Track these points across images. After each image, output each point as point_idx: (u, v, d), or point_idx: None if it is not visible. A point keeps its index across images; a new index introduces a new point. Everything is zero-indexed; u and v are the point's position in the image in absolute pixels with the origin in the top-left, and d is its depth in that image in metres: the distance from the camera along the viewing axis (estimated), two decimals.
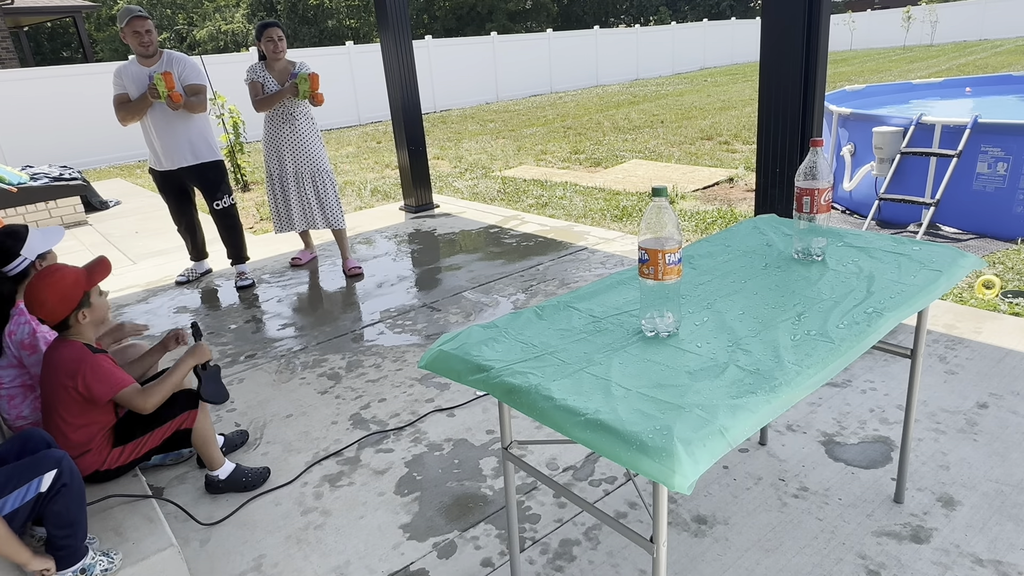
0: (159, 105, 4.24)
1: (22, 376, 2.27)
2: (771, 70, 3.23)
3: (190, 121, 4.37)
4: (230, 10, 33.71)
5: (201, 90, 4.33)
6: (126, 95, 4.25)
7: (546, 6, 35.61)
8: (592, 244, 5.04)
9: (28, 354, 2.24)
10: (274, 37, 4.42)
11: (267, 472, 2.54)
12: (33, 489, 1.74)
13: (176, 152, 4.39)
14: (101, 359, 2.14)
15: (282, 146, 4.58)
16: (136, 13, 4.10)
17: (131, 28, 4.11)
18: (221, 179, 4.62)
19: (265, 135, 4.64)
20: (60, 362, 2.10)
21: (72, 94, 12.17)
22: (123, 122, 4.30)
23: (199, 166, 4.49)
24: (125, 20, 4.11)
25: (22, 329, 2.24)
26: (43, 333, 2.28)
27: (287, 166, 4.63)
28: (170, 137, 4.34)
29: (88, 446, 2.17)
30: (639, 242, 1.44)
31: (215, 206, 4.62)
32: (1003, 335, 3.13)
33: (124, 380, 2.15)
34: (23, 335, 2.23)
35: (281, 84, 4.48)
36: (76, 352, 2.10)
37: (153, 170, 4.57)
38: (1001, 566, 1.88)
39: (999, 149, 4.81)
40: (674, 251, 1.42)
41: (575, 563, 2.02)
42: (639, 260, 1.46)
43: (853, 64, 21.15)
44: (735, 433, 1.17)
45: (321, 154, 4.67)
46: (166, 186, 4.62)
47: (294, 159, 4.61)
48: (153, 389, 2.19)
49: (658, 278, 1.44)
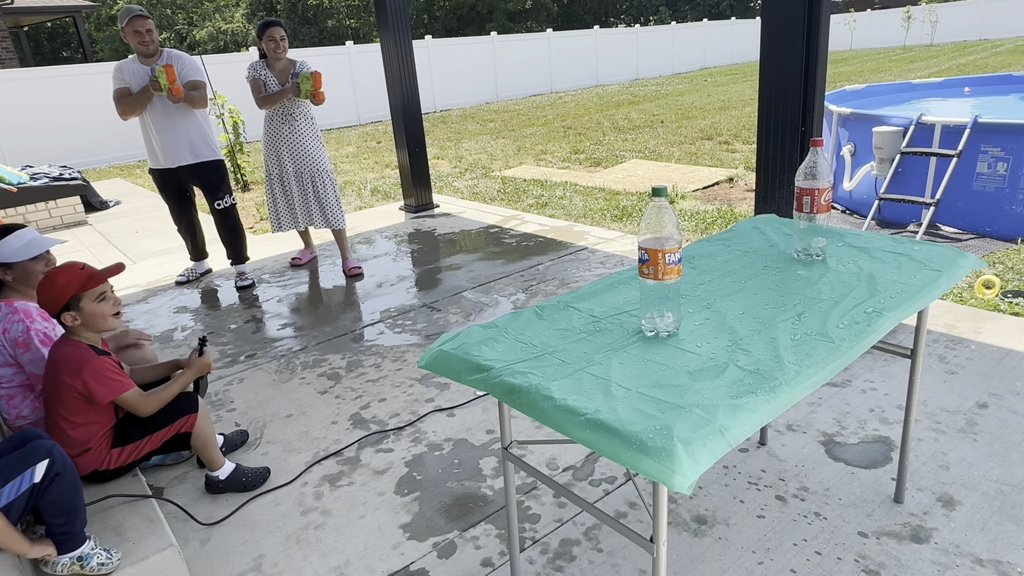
0: (159, 102, 4.24)
1: (20, 375, 2.27)
2: (771, 70, 3.23)
3: (190, 119, 4.37)
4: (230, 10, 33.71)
5: (201, 86, 4.33)
6: (127, 89, 4.25)
7: (546, 6, 35.61)
8: (592, 244, 5.04)
9: (22, 352, 2.24)
10: (275, 37, 4.42)
11: (267, 472, 2.54)
12: (27, 480, 1.75)
13: (175, 150, 4.39)
14: (104, 362, 2.14)
15: (281, 146, 4.59)
16: (137, 12, 4.11)
17: (132, 27, 4.12)
18: (222, 179, 4.62)
19: (265, 135, 4.64)
20: (62, 360, 2.11)
21: (72, 94, 12.17)
22: (123, 116, 4.29)
23: (199, 165, 4.48)
24: (126, 19, 4.12)
25: (15, 327, 2.23)
26: (39, 331, 2.27)
27: (287, 166, 4.63)
28: (170, 134, 4.34)
29: (88, 444, 2.17)
30: (639, 242, 1.44)
31: (216, 206, 4.62)
32: (1003, 335, 3.13)
33: (124, 385, 2.16)
34: (17, 333, 2.23)
35: (281, 83, 4.48)
36: (79, 352, 2.11)
37: (153, 169, 4.57)
38: (1001, 566, 1.88)
39: (999, 149, 4.81)
40: (674, 251, 1.42)
41: (575, 563, 2.02)
42: (639, 260, 1.46)
43: (853, 64, 21.15)
44: (735, 433, 1.17)
45: (321, 154, 4.67)
46: (166, 185, 4.61)
47: (294, 159, 4.62)
48: (153, 397, 2.23)
49: (658, 278, 1.44)
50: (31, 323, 2.26)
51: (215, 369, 3.50)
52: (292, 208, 4.78)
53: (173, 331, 4.08)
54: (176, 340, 3.95)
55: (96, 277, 2.13)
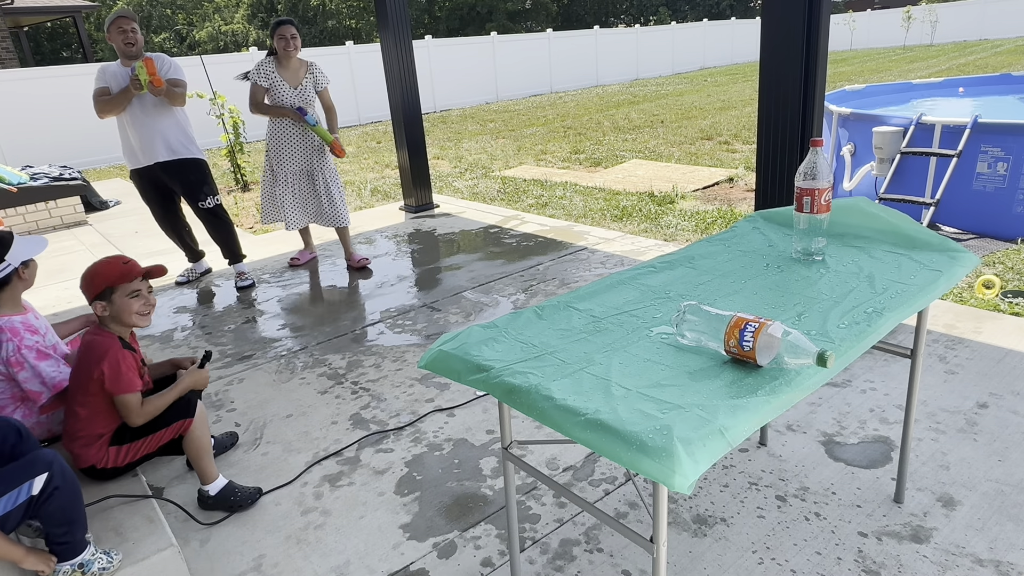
0: (137, 100, 4.22)
1: (13, 388, 2.25)
2: (771, 70, 3.23)
3: (168, 116, 4.32)
4: (230, 10, 33.70)
5: (182, 84, 4.30)
6: (107, 89, 4.23)
7: (546, 6, 35.61)
8: (592, 244, 5.04)
9: (17, 371, 2.21)
10: (286, 35, 4.41)
11: (258, 493, 2.45)
12: (24, 493, 1.72)
13: (152, 147, 4.33)
14: (125, 355, 2.20)
15: (291, 144, 4.56)
16: (121, 12, 4.16)
17: (116, 26, 4.14)
18: (203, 179, 4.54)
19: (272, 133, 4.61)
20: (92, 347, 2.19)
21: (72, 94, 12.16)
22: (100, 114, 4.25)
23: (176, 163, 4.41)
24: (111, 20, 4.18)
25: (6, 347, 2.20)
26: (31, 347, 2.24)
27: (295, 164, 4.61)
28: (147, 131, 4.29)
29: (94, 435, 2.19)
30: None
31: (200, 206, 4.55)
32: (1003, 335, 3.13)
33: (131, 385, 2.18)
34: (8, 352, 2.20)
35: (291, 84, 4.47)
36: (106, 341, 2.19)
37: (133, 171, 4.50)
38: (1001, 566, 1.88)
39: (999, 149, 4.81)
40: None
41: (575, 563, 2.02)
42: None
43: (853, 64, 21.15)
44: (735, 433, 1.17)
45: (327, 152, 4.68)
46: (146, 186, 4.52)
47: (304, 157, 4.60)
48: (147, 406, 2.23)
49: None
50: (20, 340, 2.22)
51: (215, 369, 3.49)
52: (303, 205, 4.74)
53: (173, 331, 4.08)
54: (176, 340, 3.95)
55: (130, 273, 2.21)
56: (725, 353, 1.37)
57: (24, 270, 2.32)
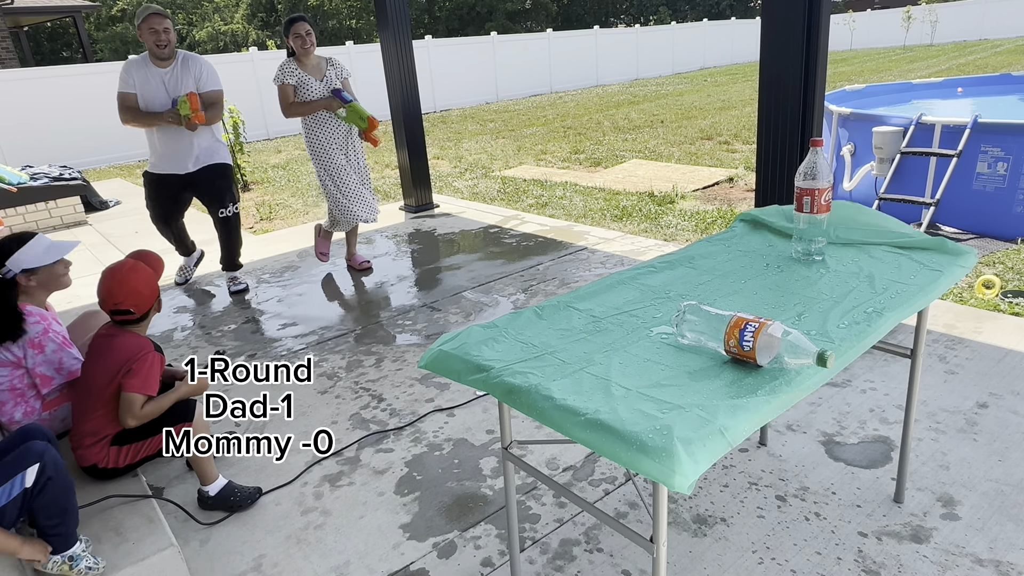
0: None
1: (15, 378, 2.25)
2: (771, 70, 3.23)
3: (202, 130, 4.20)
4: (229, 10, 33.69)
5: (219, 98, 4.19)
6: (134, 96, 4.04)
7: (546, 6, 35.61)
8: (592, 244, 5.04)
9: (35, 353, 2.24)
10: (301, 32, 4.27)
11: (258, 492, 2.46)
12: (18, 485, 1.74)
13: (182, 159, 4.20)
14: (158, 357, 2.25)
15: (336, 141, 4.45)
16: (154, 10, 3.95)
17: (148, 25, 3.93)
18: (228, 185, 4.41)
19: (313, 132, 4.44)
20: (123, 346, 2.21)
21: (72, 94, 12.16)
22: (125, 123, 4.11)
23: (204, 171, 4.28)
24: (143, 16, 3.95)
25: (33, 328, 2.24)
26: (58, 333, 2.31)
27: (339, 159, 4.47)
28: (178, 143, 4.15)
29: (103, 434, 2.20)
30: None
31: (220, 214, 4.39)
32: (1003, 335, 3.13)
33: (146, 387, 2.20)
34: (34, 333, 2.24)
35: (316, 78, 4.35)
36: (143, 342, 2.24)
37: (150, 175, 4.35)
38: (1001, 566, 1.88)
39: (999, 149, 4.81)
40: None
41: (575, 563, 2.02)
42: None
43: (853, 64, 21.15)
44: (735, 433, 1.17)
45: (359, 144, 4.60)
46: (159, 191, 4.37)
47: (346, 153, 4.51)
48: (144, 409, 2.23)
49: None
50: (48, 325, 2.29)
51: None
52: (362, 199, 4.58)
53: (173, 331, 4.09)
54: (176, 340, 3.95)
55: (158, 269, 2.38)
56: (725, 353, 1.37)
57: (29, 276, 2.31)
